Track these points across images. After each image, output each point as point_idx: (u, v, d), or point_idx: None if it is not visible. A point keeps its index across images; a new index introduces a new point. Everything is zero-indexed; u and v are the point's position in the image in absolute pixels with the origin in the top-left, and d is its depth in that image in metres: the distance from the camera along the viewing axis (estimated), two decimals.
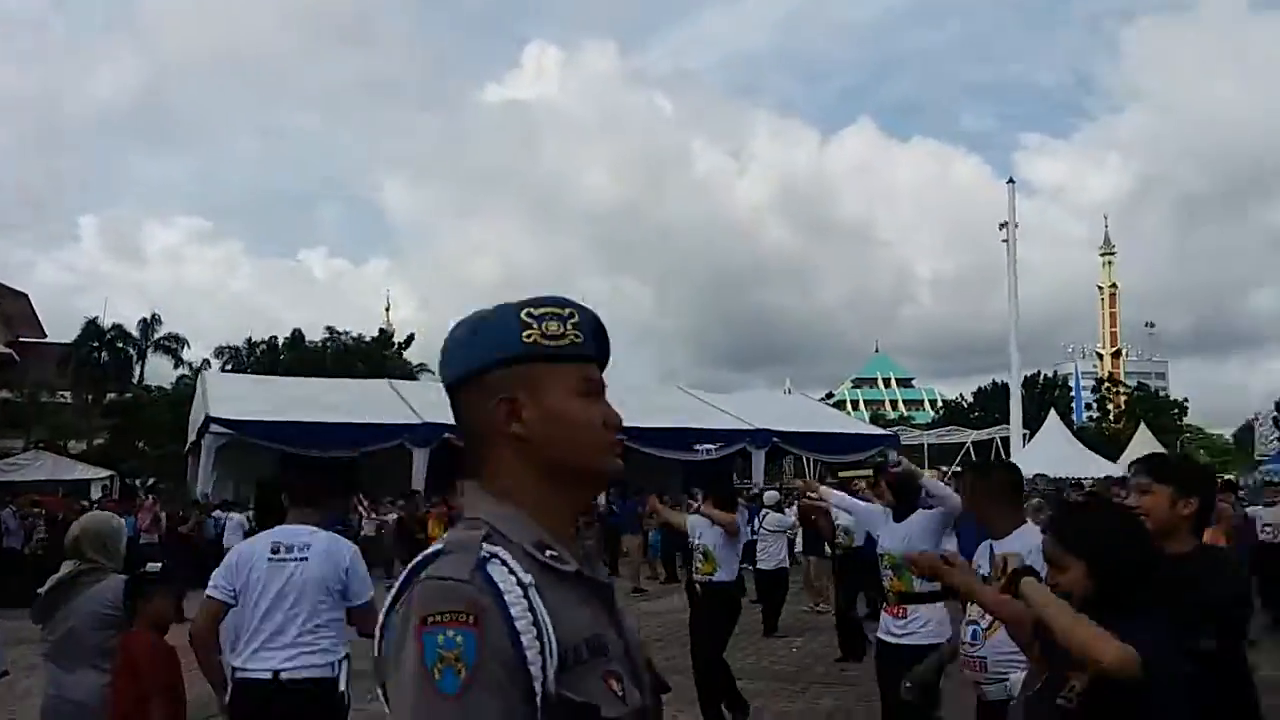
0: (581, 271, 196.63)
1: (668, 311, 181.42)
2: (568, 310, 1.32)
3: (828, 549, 11.03)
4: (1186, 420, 72.66)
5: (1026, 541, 3.46)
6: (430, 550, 1.20)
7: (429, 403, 24.68)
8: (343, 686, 3.69)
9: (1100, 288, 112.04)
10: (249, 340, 43.60)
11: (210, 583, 3.79)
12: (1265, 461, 44.01)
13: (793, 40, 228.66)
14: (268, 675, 3.59)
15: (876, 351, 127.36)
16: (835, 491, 6.09)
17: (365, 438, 21.92)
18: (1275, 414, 67.19)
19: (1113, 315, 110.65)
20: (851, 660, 9.27)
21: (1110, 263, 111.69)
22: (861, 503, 5.57)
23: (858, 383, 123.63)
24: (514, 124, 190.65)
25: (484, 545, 1.16)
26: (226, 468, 20.96)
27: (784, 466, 34.33)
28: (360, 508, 19.22)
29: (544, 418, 1.26)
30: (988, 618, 3.55)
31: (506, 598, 1.11)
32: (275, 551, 3.72)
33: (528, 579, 1.14)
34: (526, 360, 1.27)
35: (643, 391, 35.60)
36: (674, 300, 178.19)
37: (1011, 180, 51.11)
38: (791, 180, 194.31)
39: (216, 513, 17.74)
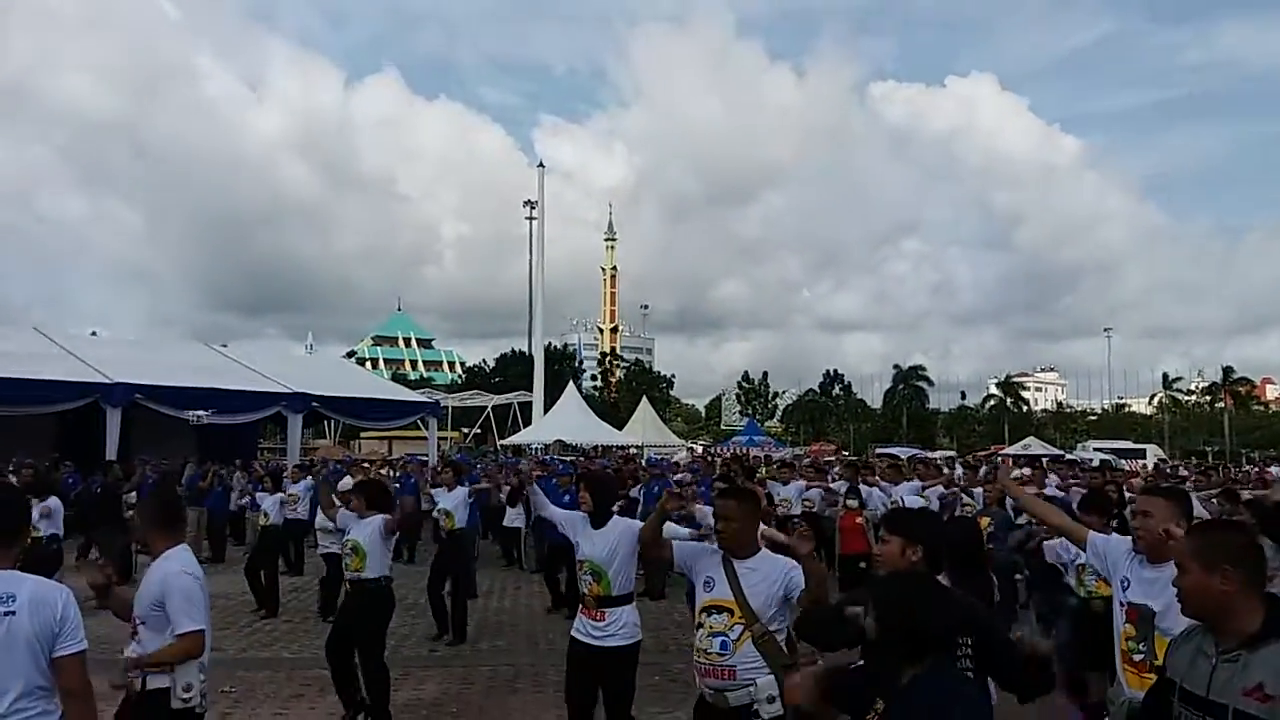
0: (53, 185, 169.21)
1: (163, 245, 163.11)
2: None
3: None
4: (671, 393, 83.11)
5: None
6: None
7: None
8: None
9: (603, 269, 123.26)
10: None
11: None
12: (734, 432, 51.96)
13: None
14: None
15: (399, 310, 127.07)
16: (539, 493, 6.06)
17: None
18: (738, 391, 79.50)
19: (613, 294, 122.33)
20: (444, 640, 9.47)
21: (613, 247, 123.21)
22: (561, 510, 5.67)
23: (378, 340, 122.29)
24: None
25: None
26: None
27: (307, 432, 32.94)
28: None
29: None
30: (736, 629, 3.83)
31: None
32: None
33: None
34: None
35: (158, 345, 31.98)
36: (170, 233, 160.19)
37: (542, 164, 54.25)
38: (312, 120, 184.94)
39: None
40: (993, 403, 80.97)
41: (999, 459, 33.65)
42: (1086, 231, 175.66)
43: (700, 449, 43.92)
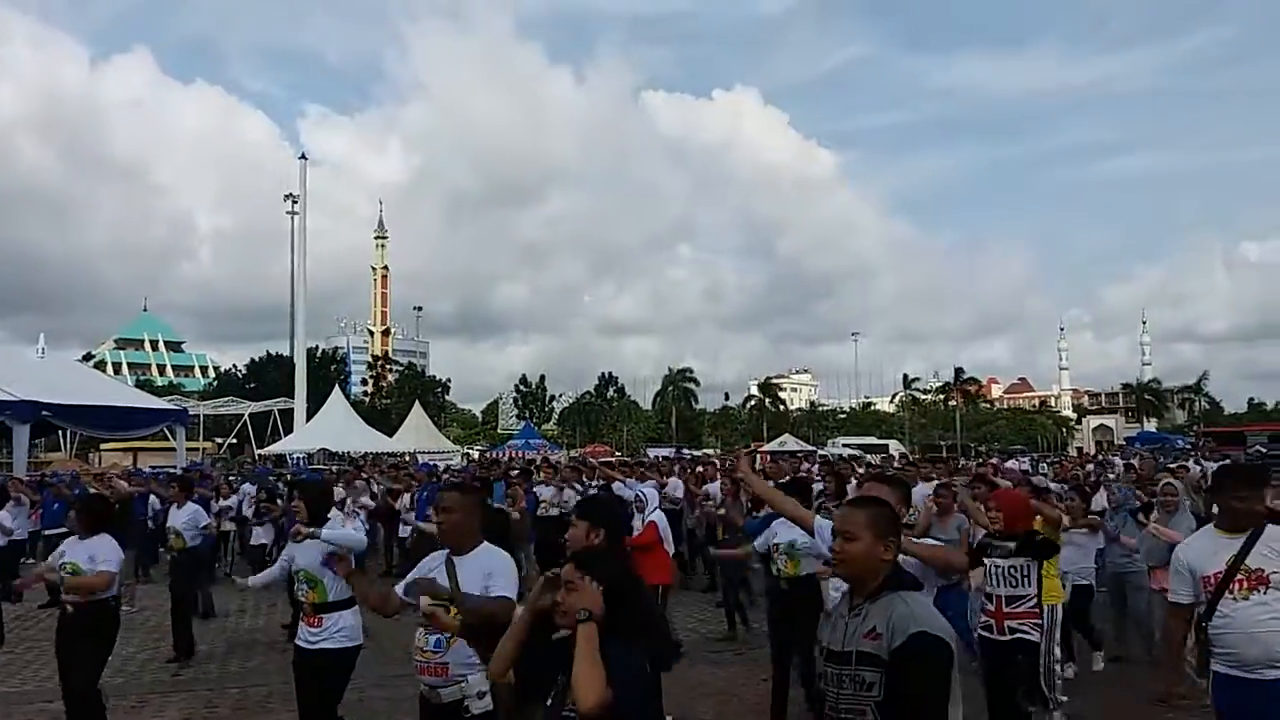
0: None
1: None
2: None
3: None
4: (447, 397, 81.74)
5: None
6: None
7: None
8: None
9: (374, 268, 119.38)
10: None
11: None
12: (509, 436, 51.87)
13: None
14: None
15: (145, 310, 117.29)
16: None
17: None
18: (515, 394, 79.37)
19: (384, 295, 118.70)
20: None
21: (384, 245, 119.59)
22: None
23: (121, 343, 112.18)
24: None
25: None
26: None
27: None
28: None
29: None
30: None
31: None
32: None
33: None
34: None
35: None
36: None
37: (304, 156, 52.16)
38: (52, 99, 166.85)
39: None
40: (753, 403, 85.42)
41: (757, 453, 35.56)
42: (841, 242, 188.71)
43: (476, 454, 43.56)
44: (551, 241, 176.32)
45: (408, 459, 33.78)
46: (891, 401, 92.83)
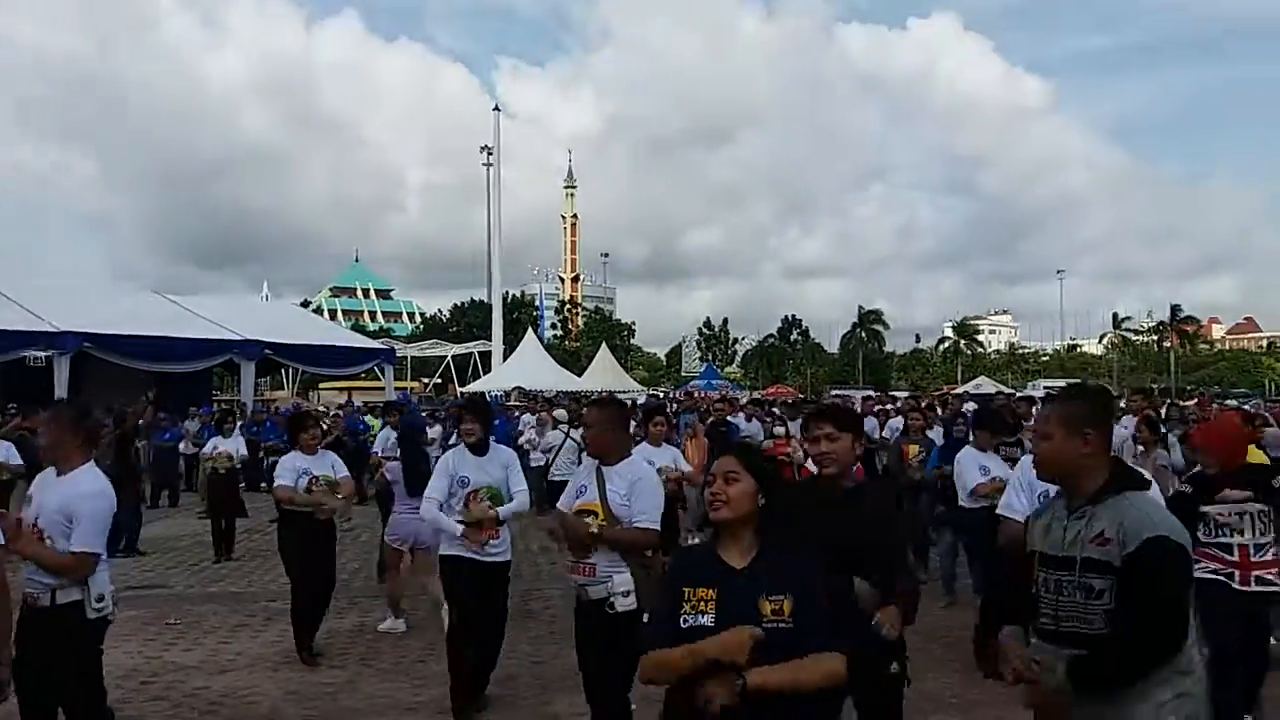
0: (9, 138, 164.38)
1: (121, 195, 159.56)
2: None
3: None
4: (633, 340, 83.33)
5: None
6: None
7: None
8: None
9: (564, 217, 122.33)
10: None
11: None
12: (692, 378, 52.40)
13: None
14: None
15: (356, 260, 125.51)
16: None
17: None
18: (698, 338, 79.91)
19: (573, 243, 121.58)
20: None
21: (572, 194, 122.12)
22: None
23: (336, 291, 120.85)
24: None
25: None
26: None
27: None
28: None
29: None
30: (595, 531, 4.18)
31: None
32: None
33: None
34: None
35: (110, 294, 31.47)
36: (129, 182, 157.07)
37: (497, 107, 53.42)
38: (272, 63, 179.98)
39: None
40: (946, 345, 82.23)
41: (951, 398, 34.26)
42: (1049, 175, 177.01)
43: (661, 395, 44.25)
44: (739, 184, 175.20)
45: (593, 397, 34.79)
46: (1099, 343, 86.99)
